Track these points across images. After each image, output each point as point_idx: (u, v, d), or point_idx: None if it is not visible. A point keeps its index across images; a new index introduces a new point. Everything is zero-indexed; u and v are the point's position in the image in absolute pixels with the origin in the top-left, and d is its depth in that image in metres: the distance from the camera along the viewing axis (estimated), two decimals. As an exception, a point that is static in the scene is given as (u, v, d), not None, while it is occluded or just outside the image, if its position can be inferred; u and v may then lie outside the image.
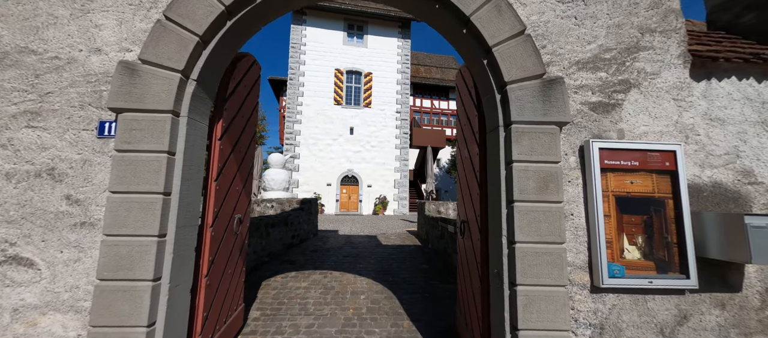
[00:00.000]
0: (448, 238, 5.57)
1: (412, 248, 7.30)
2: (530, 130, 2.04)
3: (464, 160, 3.01)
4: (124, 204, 1.90)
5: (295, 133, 19.88)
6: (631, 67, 2.20)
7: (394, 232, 9.86)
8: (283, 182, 9.98)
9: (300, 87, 20.19)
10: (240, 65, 2.86)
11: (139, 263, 1.85)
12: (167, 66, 1.99)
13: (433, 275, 5.25)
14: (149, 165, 1.93)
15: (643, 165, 2.06)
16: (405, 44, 22.10)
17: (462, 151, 3.13)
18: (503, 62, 2.09)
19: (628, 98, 2.17)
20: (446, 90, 28.90)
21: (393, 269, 5.56)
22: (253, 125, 3.40)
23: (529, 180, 2.00)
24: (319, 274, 5.21)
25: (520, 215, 1.97)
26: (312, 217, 8.12)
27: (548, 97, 2.06)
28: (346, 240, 8.09)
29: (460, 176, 3.23)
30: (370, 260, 6.14)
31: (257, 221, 5.53)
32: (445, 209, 8.21)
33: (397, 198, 20.86)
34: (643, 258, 2.00)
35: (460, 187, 3.23)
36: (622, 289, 1.97)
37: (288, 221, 6.75)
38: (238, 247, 3.12)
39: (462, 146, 3.14)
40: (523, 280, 1.92)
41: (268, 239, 5.85)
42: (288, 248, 6.72)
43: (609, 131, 2.15)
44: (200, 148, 2.25)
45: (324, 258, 6.25)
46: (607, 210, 2.02)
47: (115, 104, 1.95)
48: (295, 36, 20.49)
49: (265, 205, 7.70)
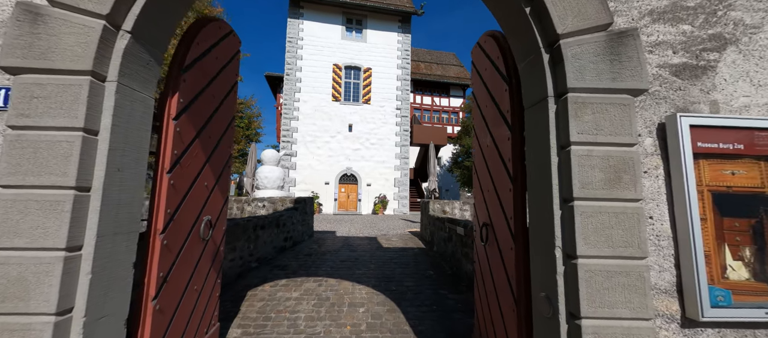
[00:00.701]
0: (458, 241, 5.00)
1: (416, 251, 6.73)
2: (594, 101, 1.47)
3: (486, 149, 2.43)
4: (18, 204, 1.31)
5: (292, 130, 19.28)
6: (725, 17, 1.63)
7: (396, 233, 9.29)
8: (277, 179, 9.41)
9: (297, 83, 19.58)
10: (207, 30, 2.28)
11: (36, 289, 1.27)
12: (85, 9, 1.41)
13: (440, 282, 4.67)
14: (56, 148, 1.35)
15: (749, 149, 1.49)
16: (405, 39, 21.51)
17: (482, 139, 2.55)
18: (554, 7, 1.51)
19: (722, 59, 1.60)
20: (447, 87, 28.32)
21: (396, 275, 4.99)
22: (230, 109, 2.81)
23: (594, 170, 1.43)
24: (312, 282, 4.64)
25: (582, 218, 1.40)
26: (307, 217, 7.55)
27: (618, 55, 1.48)
28: (343, 242, 7.51)
29: (479, 170, 2.66)
30: (369, 265, 5.57)
31: (245, 222, 4.95)
32: (450, 208, 7.65)
33: (397, 197, 20.29)
34: (753, 278, 1.44)
35: (478, 183, 2.65)
36: (729, 323, 1.41)
37: (280, 222, 6.17)
38: (209, 257, 2.54)
39: (482, 134, 2.56)
40: (591, 311, 1.35)
41: (256, 243, 5.27)
42: (280, 252, 6.14)
43: (698, 103, 1.57)
44: (142, 127, 1.67)
45: (319, 262, 5.68)
46: (702, 212, 1.45)
47: (10, 61, 1.37)
48: (292, 30, 19.87)
49: (256, 204, 7.12)
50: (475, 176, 2.77)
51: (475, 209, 2.76)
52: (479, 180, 2.65)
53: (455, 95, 28.58)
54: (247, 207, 7.32)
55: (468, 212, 7.93)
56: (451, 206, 7.63)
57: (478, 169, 2.71)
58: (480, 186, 2.61)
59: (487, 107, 2.40)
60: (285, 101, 19.49)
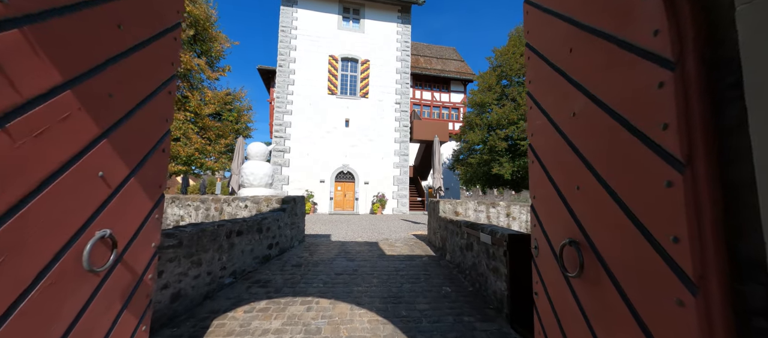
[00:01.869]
0: (482, 252, 4.03)
1: (425, 260, 5.75)
2: None
3: (574, 121, 1.45)
4: None
5: (285, 125, 18.21)
6: None
7: (399, 236, 8.31)
8: (265, 176, 8.38)
9: (290, 74, 18.50)
10: None
11: None
12: None
13: (462, 304, 3.71)
14: None
15: None
16: (405, 30, 20.51)
17: (561, 104, 1.56)
18: None
19: None
20: (447, 81, 27.38)
21: (405, 294, 4.01)
22: (168, 55, 1.79)
23: None
24: (300, 304, 3.65)
25: None
26: (297, 219, 6.54)
27: None
28: (340, 249, 6.52)
29: (549, 157, 1.67)
30: (371, 279, 4.59)
31: (215, 228, 3.94)
32: (463, 209, 6.69)
33: (397, 196, 19.32)
34: None
35: (545, 177, 1.66)
36: None
37: (263, 225, 5.16)
38: (119, 294, 1.54)
39: (560, 96, 1.58)
40: None
41: (231, 253, 4.27)
42: (263, 263, 5.13)
43: None
44: None
45: (310, 276, 4.68)
46: None
47: None
48: (285, 19, 18.78)
49: (238, 205, 6.11)
50: (536, 168, 1.78)
51: (538, 217, 1.78)
52: (550, 172, 1.66)
53: (456, 90, 27.65)
54: (227, 208, 6.30)
55: (483, 213, 7.00)
56: (464, 206, 6.67)
57: (544, 156, 1.72)
58: (554, 182, 1.62)
59: (584, 43, 1.41)
60: (278, 94, 18.40)
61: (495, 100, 17.64)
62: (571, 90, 1.41)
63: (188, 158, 14.49)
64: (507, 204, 7.19)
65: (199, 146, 14.83)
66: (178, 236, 3.36)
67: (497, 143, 16.16)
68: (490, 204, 7.04)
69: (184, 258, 3.43)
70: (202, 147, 15.02)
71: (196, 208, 6.72)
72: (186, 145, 14.40)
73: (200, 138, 15.43)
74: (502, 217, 7.20)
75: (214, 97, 16.11)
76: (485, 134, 17.43)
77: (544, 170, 1.67)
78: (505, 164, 15.86)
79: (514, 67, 17.28)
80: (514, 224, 7.26)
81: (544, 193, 1.68)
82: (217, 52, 17.19)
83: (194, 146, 14.61)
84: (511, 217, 7.20)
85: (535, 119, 1.77)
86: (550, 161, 1.63)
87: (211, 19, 16.39)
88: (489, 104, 17.60)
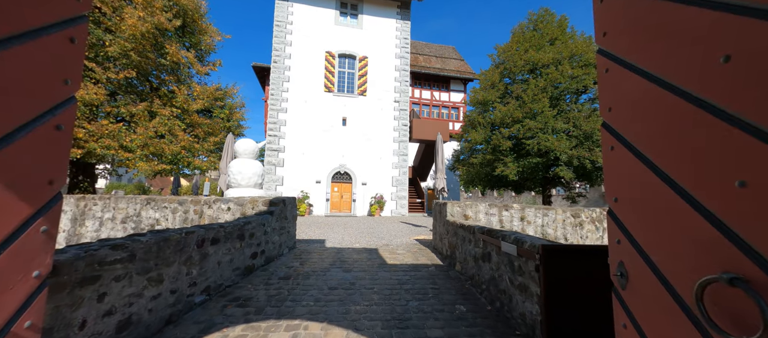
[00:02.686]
0: (504, 264, 3.37)
1: (432, 270, 5.07)
2: None
3: (741, 59, 0.80)
4: None
5: (279, 123, 17.48)
6: None
7: (400, 242, 7.63)
8: (253, 176, 7.67)
9: (285, 71, 17.79)
10: None
11: None
12: None
13: (483, 328, 3.03)
14: None
15: None
16: (404, 26, 19.87)
17: (695, 49, 0.92)
18: None
19: None
20: (447, 80, 26.78)
21: (411, 313, 3.34)
22: None
23: None
24: (284, 330, 2.96)
25: None
26: (287, 224, 5.84)
27: None
28: (335, 257, 5.82)
29: (644, 142, 1.02)
30: (371, 294, 3.90)
31: (182, 236, 3.25)
32: (473, 212, 6.01)
33: (395, 197, 18.62)
34: None
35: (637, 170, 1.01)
36: None
37: (246, 231, 4.46)
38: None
39: (688, 43, 0.93)
40: None
41: (203, 265, 3.57)
42: (244, 275, 4.42)
43: None
44: None
45: (299, 291, 3.99)
46: None
47: None
48: (280, 13, 18.07)
49: (219, 208, 5.40)
50: (622, 156, 1.11)
51: (625, 230, 1.11)
52: (658, 162, 1.00)
53: (456, 89, 27.05)
54: (208, 210, 5.59)
55: (495, 217, 6.33)
56: (474, 208, 5.98)
57: (642, 137, 1.06)
58: (668, 177, 0.96)
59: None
60: (272, 91, 17.67)
61: (498, 98, 17.00)
62: (718, 20, 0.73)
63: (174, 157, 13.68)
64: (521, 207, 6.54)
65: (187, 144, 14.02)
66: (129, 247, 2.66)
67: (501, 142, 15.50)
68: (503, 207, 6.39)
69: (138, 274, 2.74)
70: (190, 145, 14.21)
71: (173, 211, 6.00)
72: (172, 142, 13.58)
73: (188, 136, 14.63)
74: (516, 221, 6.55)
75: (202, 91, 15.30)
76: (488, 132, 16.77)
77: (644, 159, 0.98)
78: (509, 164, 15.19)
79: (518, 63, 16.65)
80: (529, 228, 6.62)
81: (643, 194, 0.99)
82: (208, 45, 16.41)
83: (181, 144, 13.80)
84: (526, 221, 6.55)
85: (621, 83, 1.09)
86: (659, 144, 0.93)
87: (200, 10, 15.61)
88: (492, 101, 16.95)
